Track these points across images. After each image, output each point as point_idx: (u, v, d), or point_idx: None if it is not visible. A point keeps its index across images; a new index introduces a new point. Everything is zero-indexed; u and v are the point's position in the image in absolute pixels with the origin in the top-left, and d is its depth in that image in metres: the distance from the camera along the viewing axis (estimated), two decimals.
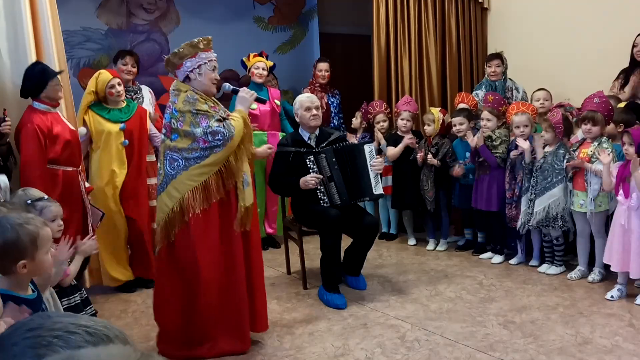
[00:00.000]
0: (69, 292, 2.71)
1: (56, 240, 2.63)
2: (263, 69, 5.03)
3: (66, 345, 0.77)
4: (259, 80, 5.04)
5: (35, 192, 2.69)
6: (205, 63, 2.91)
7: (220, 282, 2.93)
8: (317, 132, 4.04)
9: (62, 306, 2.57)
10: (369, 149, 3.95)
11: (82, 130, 3.85)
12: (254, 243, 3.09)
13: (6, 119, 3.30)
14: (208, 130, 2.78)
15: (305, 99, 4.04)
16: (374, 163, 3.90)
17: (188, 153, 2.81)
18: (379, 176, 3.96)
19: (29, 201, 2.48)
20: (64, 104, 3.68)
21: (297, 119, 4.08)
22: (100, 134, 3.93)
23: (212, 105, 2.92)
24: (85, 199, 3.59)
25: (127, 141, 4.00)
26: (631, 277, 3.56)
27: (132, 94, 4.58)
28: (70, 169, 3.50)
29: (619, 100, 4.17)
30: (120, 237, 4.05)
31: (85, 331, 0.79)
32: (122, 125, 3.98)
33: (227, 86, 3.17)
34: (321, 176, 3.79)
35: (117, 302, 3.94)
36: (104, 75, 3.97)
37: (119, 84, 4.00)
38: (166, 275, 2.98)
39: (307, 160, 3.82)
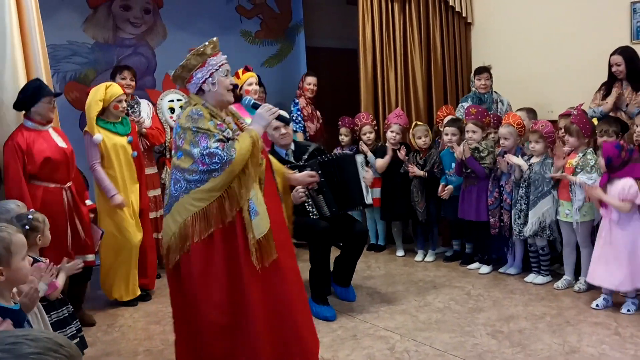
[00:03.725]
0: (57, 306, 2.69)
1: (50, 249, 2.63)
2: (256, 84, 4.88)
3: (13, 356, 0.76)
4: (255, 97, 4.97)
5: (12, 205, 2.69)
6: (217, 70, 2.63)
7: (226, 327, 2.59)
8: (292, 147, 4.01)
9: (51, 320, 2.55)
10: (360, 159, 4.00)
11: (98, 137, 3.85)
12: (288, 277, 2.69)
13: None
14: (205, 152, 2.48)
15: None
16: (365, 175, 3.93)
17: (189, 175, 2.55)
18: (367, 186, 3.99)
19: (26, 227, 2.45)
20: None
21: (269, 138, 3.99)
22: (112, 148, 3.94)
23: (220, 122, 2.62)
24: (72, 219, 3.51)
25: (136, 152, 4.07)
26: (617, 289, 3.60)
27: (129, 108, 4.61)
28: (52, 185, 3.45)
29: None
30: (137, 252, 4.03)
31: (26, 339, 0.80)
32: (129, 137, 4.03)
33: (248, 100, 2.91)
34: (304, 190, 3.69)
35: (104, 316, 3.89)
36: (116, 88, 4.01)
37: (125, 101, 4.07)
38: (176, 309, 2.77)
39: None
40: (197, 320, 2.63)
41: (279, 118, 2.80)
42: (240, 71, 4.98)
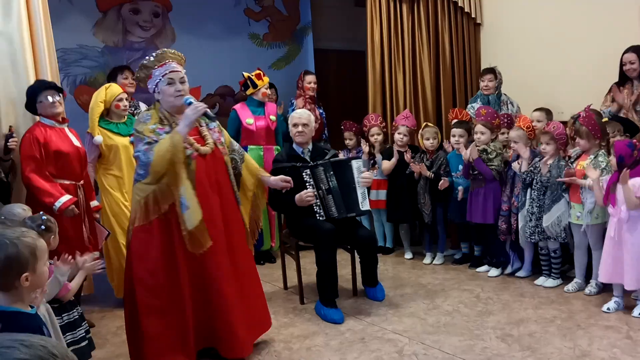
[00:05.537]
0: (69, 308, 2.71)
1: (54, 252, 2.64)
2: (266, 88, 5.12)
3: None
4: (267, 100, 5.10)
5: (19, 209, 2.70)
6: (160, 80, 2.87)
7: (157, 308, 2.85)
8: (309, 146, 4.08)
9: (63, 321, 2.58)
10: (357, 164, 3.96)
11: (98, 138, 3.92)
12: (221, 264, 2.97)
13: (13, 135, 3.37)
14: (135, 155, 2.82)
15: (295, 115, 4.10)
16: (363, 177, 3.91)
17: (139, 169, 2.85)
18: (366, 192, 3.98)
19: (41, 227, 2.48)
20: None
21: (290, 135, 4.16)
22: (111, 148, 3.97)
23: (163, 126, 2.86)
24: (87, 215, 3.57)
25: None
26: (626, 288, 3.57)
27: (133, 108, 4.64)
28: (67, 182, 3.47)
29: (601, 116, 4.18)
30: None
31: (21, 344, 0.80)
32: (132, 138, 4.03)
33: (186, 99, 3.00)
34: (313, 191, 3.77)
35: (113, 318, 3.91)
36: (115, 87, 4.07)
37: (126, 99, 4.12)
38: (126, 288, 2.99)
39: (303, 174, 3.80)
40: (134, 298, 2.87)
41: (206, 115, 2.93)
42: (261, 73, 5.08)
